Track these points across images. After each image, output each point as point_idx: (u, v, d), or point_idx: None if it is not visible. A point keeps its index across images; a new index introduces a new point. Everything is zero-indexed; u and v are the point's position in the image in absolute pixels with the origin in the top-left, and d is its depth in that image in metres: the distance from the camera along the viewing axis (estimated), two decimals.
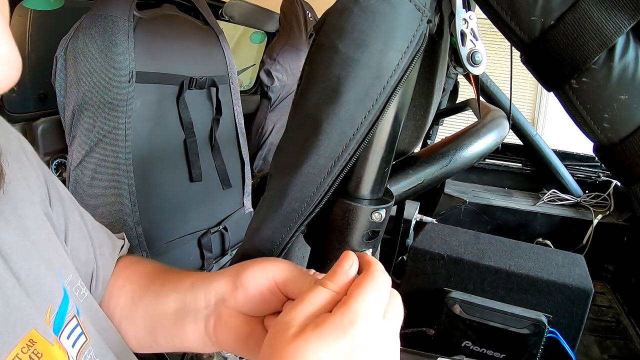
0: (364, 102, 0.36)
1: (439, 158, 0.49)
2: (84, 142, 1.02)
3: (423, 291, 1.02)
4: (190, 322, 0.41)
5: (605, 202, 1.61)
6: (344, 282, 0.32)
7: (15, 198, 0.34)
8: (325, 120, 0.37)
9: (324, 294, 0.32)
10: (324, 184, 0.38)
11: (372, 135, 0.40)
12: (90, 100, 1.00)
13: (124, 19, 1.02)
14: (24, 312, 0.31)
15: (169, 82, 1.19)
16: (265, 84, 2.02)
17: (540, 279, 0.93)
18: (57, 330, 0.34)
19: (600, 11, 0.32)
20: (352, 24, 0.36)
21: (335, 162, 0.37)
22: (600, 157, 0.39)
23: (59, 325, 0.35)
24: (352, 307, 0.29)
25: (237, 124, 1.49)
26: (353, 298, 0.30)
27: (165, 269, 0.47)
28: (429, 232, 1.09)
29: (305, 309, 0.31)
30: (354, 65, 0.36)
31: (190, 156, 1.27)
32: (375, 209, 0.42)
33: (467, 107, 0.97)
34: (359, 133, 0.37)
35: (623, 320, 1.30)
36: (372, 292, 0.30)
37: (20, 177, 0.36)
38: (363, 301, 0.30)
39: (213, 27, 1.38)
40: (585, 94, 0.35)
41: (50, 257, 0.36)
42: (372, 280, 0.31)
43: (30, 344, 0.31)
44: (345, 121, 0.36)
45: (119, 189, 1.05)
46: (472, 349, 0.94)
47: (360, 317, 0.29)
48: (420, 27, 0.36)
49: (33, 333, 0.31)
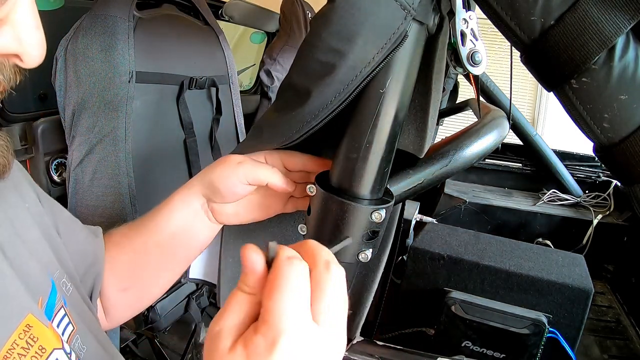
0: (335, 85, 0.40)
1: (439, 158, 0.49)
2: (84, 142, 1.01)
3: (423, 291, 1.02)
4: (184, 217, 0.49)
5: (605, 202, 1.61)
6: (254, 281, 0.29)
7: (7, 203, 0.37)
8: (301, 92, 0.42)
9: (242, 299, 0.29)
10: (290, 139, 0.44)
11: (372, 135, 0.40)
12: (90, 100, 1.00)
13: (124, 19, 1.02)
14: (21, 300, 0.34)
15: (169, 82, 1.18)
16: (265, 84, 2.02)
17: (540, 279, 0.93)
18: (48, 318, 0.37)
19: (600, 11, 0.32)
20: (338, 16, 0.38)
21: (303, 125, 0.43)
22: (600, 157, 0.39)
23: (50, 314, 0.37)
24: (269, 322, 0.26)
25: (237, 124, 1.49)
26: (267, 310, 0.27)
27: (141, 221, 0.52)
28: (429, 232, 1.09)
29: (231, 319, 0.29)
30: (333, 54, 0.39)
31: (190, 156, 1.27)
32: (375, 209, 0.42)
33: (467, 107, 0.97)
34: (327, 108, 0.41)
35: (623, 320, 1.30)
36: (281, 294, 0.27)
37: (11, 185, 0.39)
38: (277, 311, 0.26)
39: (213, 27, 1.37)
40: (585, 94, 0.35)
41: (38, 255, 0.39)
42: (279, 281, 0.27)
43: (26, 329, 0.33)
44: (318, 97, 0.41)
45: (119, 189, 1.05)
46: (472, 349, 0.94)
47: (281, 332, 0.26)
48: (402, 26, 0.38)
49: (30, 318, 0.33)
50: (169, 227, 0.50)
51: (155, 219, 0.50)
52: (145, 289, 0.53)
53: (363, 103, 0.41)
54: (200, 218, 0.49)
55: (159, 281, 0.53)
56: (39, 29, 0.27)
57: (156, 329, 1.10)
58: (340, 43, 0.39)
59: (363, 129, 0.41)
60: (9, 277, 0.34)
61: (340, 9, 0.38)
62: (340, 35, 0.39)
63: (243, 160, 0.46)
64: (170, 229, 0.50)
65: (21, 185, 0.41)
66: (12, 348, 0.31)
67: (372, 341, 0.77)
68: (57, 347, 0.36)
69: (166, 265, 0.52)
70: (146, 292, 0.54)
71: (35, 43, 0.27)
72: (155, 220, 0.50)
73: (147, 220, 0.51)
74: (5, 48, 0.26)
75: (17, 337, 0.32)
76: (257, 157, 0.48)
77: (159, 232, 0.50)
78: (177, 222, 0.49)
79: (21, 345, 0.32)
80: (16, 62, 0.28)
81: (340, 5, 0.38)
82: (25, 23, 0.26)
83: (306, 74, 0.42)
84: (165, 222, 0.50)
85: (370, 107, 0.41)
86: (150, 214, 0.51)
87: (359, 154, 0.42)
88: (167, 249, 0.50)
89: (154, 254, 0.50)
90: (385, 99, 0.40)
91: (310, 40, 0.41)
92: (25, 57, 0.27)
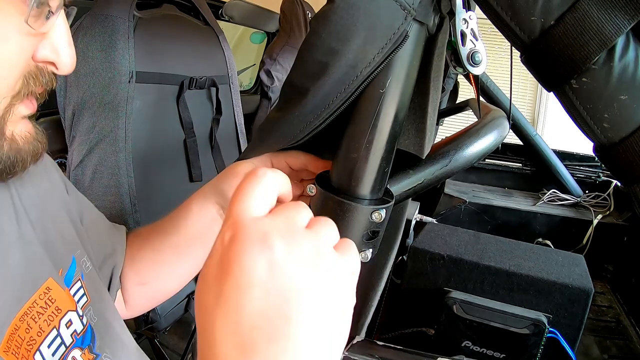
0: (337, 85, 0.40)
1: (439, 158, 0.49)
2: (84, 142, 1.01)
3: (423, 291, 1.02)
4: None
5: (605, 202, 1.61)
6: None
7: (39, 186, 0.45)
8: (302, 92, 0.42)
9: None
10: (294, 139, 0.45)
11: (372, 135, 0.40)
12: (90, 100, 1.00)
13: (124, 19, 1.02)
14: (44, 266, 0.40)
15: (168, 82, 1.19)
16: (265, 84, 2.02)
17: (540, 279, 0.93)
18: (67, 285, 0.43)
19: (600, 11, 0.32)
20: (338, 17, 0.38)
21: (306, 125, 0.43)
22: (600, 157, 0.39)
23: (68, 283, 0.43)
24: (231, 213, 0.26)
25: (237, 124, 1.49)
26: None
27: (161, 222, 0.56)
28: (429, 232, 1.09)
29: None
30: (333, 55, 0.39)
31: (190, 156, 1.27)
32: (375, 209, 0.42)
33: (467, 107, 0.97)
34: (329, 108, 0.41)
35: (623, 320, 1.30)
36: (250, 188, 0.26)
37: (43, 171, 0.47)
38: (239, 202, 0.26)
39: (213, 27, 1.37)
40: (585, 94, 0.35)
41: (63, 233, 0.45)
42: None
43: (46, 291, 0.39)
44: (319, 97, 0.41)
45: (119, 189, 1.05)
46: (472, 349, 0.94)
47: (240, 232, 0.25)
48: (402, 26, 0.38)
49: (50, 281, 0.40)
50: (187, 231, 0.53)
51: (173, 222, 0.54)
52: (162, 284, 0.58)
53: (363, 103, 0.41)
54: (218, 223, 0.52)
55: (175, 278, 0.57)
56: (70, 45, 0.35)
57: (156, 329, 1.10)
58: (340, 43, 0.39)
59: (363, 129, 0.41)
60: (35, 244, 0.40)
61: (340, 9, 0.38)
62: (339, 36, 0.39)
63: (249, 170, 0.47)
64: (188, 233, 0.53)
65: (51, 174, 0.48)
66: (32, 306, 0.37)
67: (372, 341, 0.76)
68: (72, 309, 0.41)
69: (182, 264, 0.55)
70: (163, 287, 0.58)
71: (68, 54, 0.35)
72: (173, 223, 0.54)
73: (166, 222, 0.55)
74: (45, 57, 0.34)
75: (38, 298, 0.38)
76: (264, 162, 0.50)
77: (177, 234, 0.53)
78: (196, 227, 0.53)
79: (40, 305, 0.38)
80: (52, 70, 0.35)
81: (340, 6, 0.38)
82: (61, 39, 0.34)
83: (306, 74, 0.42)
84: (183, 226, 0.53)
85: (370, 107, 0.41)
86: (169, 217, 0.55)
87: (359, 154, 0.42)
88: (184, 249, 0.54)
89: (171, 254, 0.54)
90: (385, 99, 0.40)
91: (310, 40, 0.41)
92: (59, 66, 0.35)
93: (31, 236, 0.40)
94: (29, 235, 0.40)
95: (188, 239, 0.53)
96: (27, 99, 0.35)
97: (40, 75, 0.35)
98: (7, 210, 0.39)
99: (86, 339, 0.43)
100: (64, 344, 0.40)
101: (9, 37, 0.30)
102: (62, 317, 0.40)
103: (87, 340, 0.43)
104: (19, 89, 0.33)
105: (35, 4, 0.30)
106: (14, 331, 0.35)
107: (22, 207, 0.41)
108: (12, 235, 0.38)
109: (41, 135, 0.38)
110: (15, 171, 0.36)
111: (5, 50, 0.31)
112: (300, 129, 0.44)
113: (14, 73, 0.32)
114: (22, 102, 0.35)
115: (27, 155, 0.36)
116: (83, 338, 0.42)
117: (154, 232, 0.56)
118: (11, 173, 0.36)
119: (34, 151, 0.37)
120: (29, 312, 0.37)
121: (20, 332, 0.36)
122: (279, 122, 0.46)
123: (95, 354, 0.43)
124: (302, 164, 0.50)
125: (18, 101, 0.34)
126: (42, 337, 0.37)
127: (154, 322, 1.08)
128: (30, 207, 0.42)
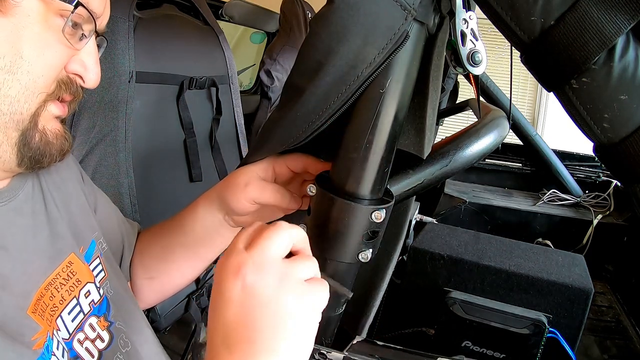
0: (338, 85, 0.40)
1: (439, 158, 0.49)
2: (84, 142, 1.01)
3: (423, 291, 1.02)
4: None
5: (605, 202, 1.60)
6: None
7: (62, 174, 0.51)
8: (304, 92, 0.42)
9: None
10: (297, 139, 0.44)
11: (372, 135, 0.41)
12: (90, 100, 1.00)
13: (124, 19, 1.02)
14: (68, 241, 0.46)
15: (168, 82, 1.18)
16: (265, 84, 2.02)
17: (540, 279, 0.93)
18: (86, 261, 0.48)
19: (600, 11, 0.32)
20: (337, 17, 0.38)
21: (309, 125, 0.43)
22: (600, 157, 0.39)
23: (88, 260, 0.49)
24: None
25: (237, 124, 1.49)
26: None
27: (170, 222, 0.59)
28: (429, 232, 1.09)
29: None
30: (333, 55, 0.39)
31: (190, 156, 1.27)
32: (375, 209, 0.42)
33: (467, 107, 0.97)
34: (330, 108, 0.41)
35: (623, 320, 1.30)
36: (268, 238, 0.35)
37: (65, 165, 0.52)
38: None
39: (213, 27, 1.37)
40: (585, 94, 0.35)
41: (84, 216, 0.51)
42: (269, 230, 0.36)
43: (69, 265, 0.45)
44: (321, 97, 0.41)
45: (119, 189, 1.05)
46: (472, 349, 0.94)
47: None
48: (403, 26, 0.38)
49: (72, 256, 0.46)
50: (195, 233, 0.56)
51: (181, 222, 0.57)
52: (169, 280, 0.61)
53: (363, 103, 0.41)
54: (225, 226, 0.55)
55: (182, 274, 0.61)
56: (97, 64, 0.42)
57: (156, 329, 1.10)
58: (340, 44, 0.39)
59: (363, 128, 0.41)
60: (60, 224, 0.46)
61: (340, 10, 0.38)
62: (339, 36, 0.39)
63: (250, 182, 0.50)
64: (195, 235, 0.56)
65: (69, 164, 0.54)
66: (55, 278, 0.43)
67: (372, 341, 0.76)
68: (90, 281, 0.48)
69: (189, 262, 0.59)
70: (170, 282, 0.61)
71: (94, 71, 0.42)
72: (181, 223, 0.57)
73: (174, 222, 0.58)
74: (74, 70, 0.42)
75: (61, 270, 0.44)
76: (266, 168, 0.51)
77: (184, 234, 0.57)
78: (202, 229, 0.56)
79: (62, 277, 0.44)
80: (80, 82, 0.42)
81: (340, 6, 0.38)
82: (90, 58, 0.42)
83: (306, 73, 0.42)
84: (190, 227, 0.56)
85: (370, 107, 0.41)
86: (176, 218, 0.58)
87: (359, 154, 0.42)
88: (192, 249, 0.57)
89: (178, 252, 0.58)
90: (385, 99, 0.40)
91: (310, 40, 0.41)
92: (86, 80, 0.42)
93: (57, 216, 0.46)
94: (55, 215, 0.46)
95: (195, 239, 0.56)
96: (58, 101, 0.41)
97: (71, 84, 0.42)
98: (38, 194, 0.46)
99: (102, 308, 0.49)
100: (82, 312, 0.46)
101: (50, 43, 0.38)
102: (81, 288, 0.46)
103: (103, 309, 0.49)
104: (53, 90, 0.40)
105: (71, 24, 0.38)
106: (40, 297, 0.41)
107: (48, 191, 0.47)
108: (42, 215, 0.45)
109: (69, 136, 0.44)
110: (43, 163, 0.41)
111: (47, 53, 0.38)
112: (302, 129, 0.44)
113: (51, 74, 0.39)
114: (54, 102, 0.41)
115: (55, 150, 0.42)
116: (100, 307, 0.48)
117: (162, 231, 0.60)
118: (39, 163, 0.41)
119: (61, 147, 0.43)
120: (53, 282, 0.43)
121: (45, 299, 0.41)
122: (281, 122, 0.46)
123: (109, 321, 0.49)
124: (303, 167, 0.51)
125: (51, 100, 0.40)
126: (63, 305, 0.43)
127: (154, 322, 1.08)
128: (54, 191, 0.48)
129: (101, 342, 0.47)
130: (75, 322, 0.44)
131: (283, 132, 0.46)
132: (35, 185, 0.46)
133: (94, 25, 0.41)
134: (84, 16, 0.39)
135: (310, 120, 0.43)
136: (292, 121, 0.44)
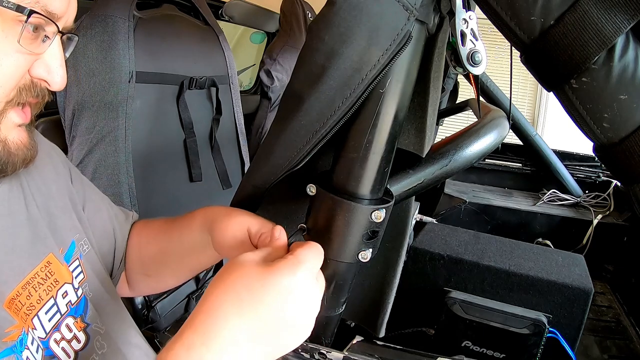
0: (342, 89, 0.39)
1: (439, 158, 0.49)
2: (84, 142, 1.01)
3: (423, 291, 1.02)
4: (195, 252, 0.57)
5: (605, 202, 1.61)
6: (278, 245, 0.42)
7: (44, 175, 0.50)
8: (307, 99, 0.41)
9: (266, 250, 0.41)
10: (302, 151, 0.43)
11: (372, 135, 0.41)
12: (90, 100, 1.00)
13: (123, 19, 1.02)
14: (47, 242, 0.46)
15: (168, 82, 1.18)
16: (265, 84, 2.02)
17: (540, 279, 0.93)
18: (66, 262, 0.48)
19: (600, 11, 0.32)
20: (340, 18, 0.38)
21: (313, 134, 0.42)
22: (600, 157, 0.39)
23: (67, 261, 0.49)
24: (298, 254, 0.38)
25: (237, 124, 1.49)
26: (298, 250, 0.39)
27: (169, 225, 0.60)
28: (429, 232, 1.10)
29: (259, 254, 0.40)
30: (337, 57, 0.39)
31: (190, 156, 1.27)
32: (375, 208, 0.42)
33: (467, 107, 0.97)
34: (335, 115, 0.40)
35: (623, 320, 1.30)
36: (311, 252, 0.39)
37: (49, 162, 0.52)
38: (305, 254, 0.38)
39: (213, 27, 1.37)
40: (585, 94, 0.35)
41: (65, 218, 0.51)
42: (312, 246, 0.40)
43: (47, 265, 0.45)
44: (325, 103, 0.40)
45: (119, 189, 1.05)
46: (472, 349, 0.94)
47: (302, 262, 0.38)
48: (405, 26, 0.37)
49: (51, 256, 0.46)
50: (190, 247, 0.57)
51: (179, 231, 0.58)
52: (163, 279, 0.63)
53: (363, 103, 0.41)
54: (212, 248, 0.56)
55: (176, 279, 0.63)
56: (62, 67, 0.41)
57: (156, 329, 1.10)
58: (343, 45, 0.38)
59: (363, 128, 0.41)
60: (40, 223, 0.46)
61: (342, 11, 0.38)
62: (342, 37, 0.38)
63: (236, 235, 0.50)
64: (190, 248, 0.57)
65: (57, 165, 0.54)
66: (34, 277, 0.43)
67: (372, 341, 0.77)
68: (68, 282, 0.48)
69: (183, 270, 0.61)
70: (164, 282, 0.64)
71: (59, 75, 0.40)
72: (179, 232, 0.58)
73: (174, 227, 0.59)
74: (38, 75, 0.40)
75: (39, 270, 0.44)
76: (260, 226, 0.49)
77: (180, 244, 0.57)
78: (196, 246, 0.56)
79: (41, 277, 0.44)
80: (45, 86, 0.41)
81: (342, 7, 0.37)
82: (54, 61, 0.40)
83: (308, 79, 0.41)
84: (186, 241, 0.57)
85: (370, 107, 0.41)
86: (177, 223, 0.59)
87: (359, 154, 0.42)
88: (183, 259, 0.59)
89: (174, 258, 0.59)
90: (385, 99, 0.40)
91: (312, 43, 0.40)
92: (51, 83, 0.41)
93: (37, 217, 0.46)
94: (36, 216, 0.46)
95: (190, 252, 0.58)
96: (20, 108, 0.40)
97: (34, 88, 0.40)
98: (18, 195, 0.46)
99: (79, 309, 0.49)
100: (59, 312, 0.46)
101: (8, 52, 0.37)
102: (59, 288, 0.46)
103: (80, 310, 0.49)
104: (12, 97, 0.38)
105: (32, 28, 0.37)
106: (17, 295, 0.41)
107: (30, 193, 0.47)
108: (22, 215, 0.45)
109: (34, 144, 0.43)
110: (6, 172, 0.41)
111: (4, 63, 0.37)
112: (307, 139, 0.42)
113: (10, 84, 0.38)
114: (15, 109, 0.39)
115: (18, 160, 0.41)
116: (77, 308, 0.49)
117: (162, 233, 0.61)
118: (3, 172, 0.40)
119: (24, 158, 0.42)
120: (31, 281, 0.43)
121: (22, 298, 0.41)
122: (282, 134, 0.44)
123: (86, 322, 0.49)
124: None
125: (10, 107, 0.39)
126: (40, 305, 0.43)
127: (154, 322, 1.08)
128: (36, 192, 0.48)
129: (77, 342, 0.47)
130: (52, 322, 0.45)
131: (285, 145, 0.44)
132: (14, 186, 0.46)
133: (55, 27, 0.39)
134: (44, 19, 0.37)
135: (314, 129, 0.42)
136: (295, 132, 0.43)
